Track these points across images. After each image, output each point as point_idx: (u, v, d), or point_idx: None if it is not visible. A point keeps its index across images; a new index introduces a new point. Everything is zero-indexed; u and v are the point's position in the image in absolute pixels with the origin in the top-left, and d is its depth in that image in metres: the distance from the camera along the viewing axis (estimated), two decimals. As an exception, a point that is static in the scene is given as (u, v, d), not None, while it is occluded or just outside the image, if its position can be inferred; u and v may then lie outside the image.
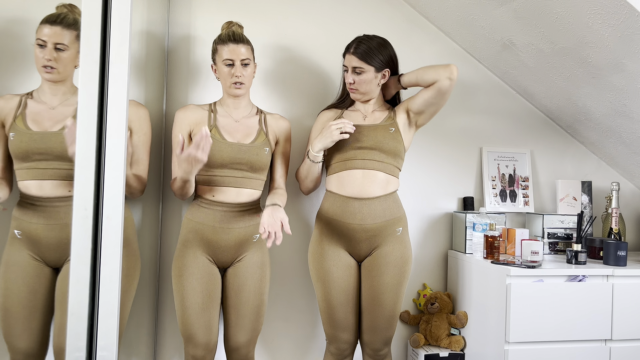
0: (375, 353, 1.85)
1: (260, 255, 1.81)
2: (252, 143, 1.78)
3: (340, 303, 1.81)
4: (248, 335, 1.77)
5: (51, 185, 1.55)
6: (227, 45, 1.74)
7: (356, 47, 1.82)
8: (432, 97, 1.80)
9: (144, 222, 1.96)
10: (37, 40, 1.53)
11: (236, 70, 1.75)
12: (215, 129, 1.77)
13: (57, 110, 1.59)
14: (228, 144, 1.74)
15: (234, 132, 1.79)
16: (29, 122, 1.56)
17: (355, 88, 1.85)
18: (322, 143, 1.77)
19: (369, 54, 1.80)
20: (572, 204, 2.35)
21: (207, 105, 1.85)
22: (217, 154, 1.73)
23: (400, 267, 1.82)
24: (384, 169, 1.82)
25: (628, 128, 2.15)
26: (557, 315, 1.87)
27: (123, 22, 0.95)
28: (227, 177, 1.75)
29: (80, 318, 0.91)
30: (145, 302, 1.99)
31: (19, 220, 1.57)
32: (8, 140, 1.57)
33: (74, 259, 0.91)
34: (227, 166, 1.74)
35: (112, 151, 0.93)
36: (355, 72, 1.82)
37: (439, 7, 2.15)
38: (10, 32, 1.73)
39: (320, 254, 1.83)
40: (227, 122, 1.80)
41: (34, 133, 1.53)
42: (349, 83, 1.85)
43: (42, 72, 1.56)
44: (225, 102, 1.83)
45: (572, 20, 1.76)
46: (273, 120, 1.89)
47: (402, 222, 1.87)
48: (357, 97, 1.88)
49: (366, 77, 1.82)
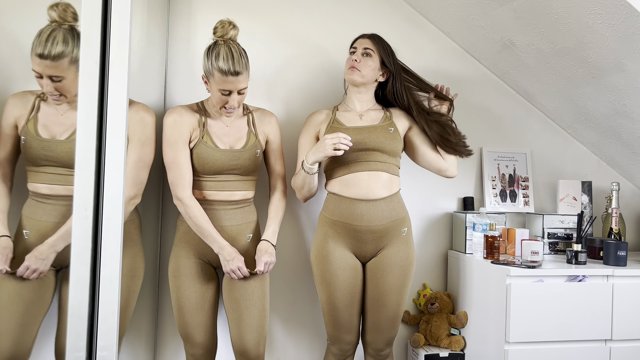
0: (377, 353, 1.85)
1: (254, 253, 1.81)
2: (243, 148, 1.76)
3: (345, 305, 1.79)
4: (255, 335, 1.74)
5: (59, 187, 1.57)
6: (226, 77, 1.63)
7: (371, 35, 1.89)
8: (428, 164, 1.95)
9: (144, 222, 1.96)
10: (34, 73, 1.50)
11: (232, 100, 1.68)
12: (207, 136, 1.73)
13: (66, 116, 1.59)
14: (221, 151, 1.73)
15: (224, 137, 1.76)
16: (39, 127, 1.56)
17: (357, 67, 1.83)
18: (315, 156, 1.71)
19: (383, 44, 1.87)
20: (572, 204, 2.35)
21: (194, 106, 1.79)
22: (211, 161, 1.71)
23: (405, 268, 1.82)
24: (387, 169, 1.82)
25: (628, 128, 2.15)
26: (557, 315, 1.87)
27: (123, 22, 0.95)
28: (221, 182, 1.75)
29: (80, 318, 0.91)
30: (146, 302, 1.99)
31: (28, 219, 1.58)
32: (20, 141, 1.58)
33: (74, 259, 0.91)
34: (221, 172, 1.74)
35: (112, 151, 0.93)
36: (365, 53, 1.84)
37: (439, 7, 2.15)
38: (7, 32, 1.73)
39: (325, 256, 1.81)
40: (218, 127, 1.76)
41: (43, 140, 1.55)
42: (352, 60, 1.84)
43: (49, 97, 1.55)
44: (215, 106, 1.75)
45: (572, 20, 1.76)
46: (260, 117, 1.85)
47: (407, 222, 1.86)
48: (355, 79, 1.85)
49: (372, 62, 1.84)
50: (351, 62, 1.84)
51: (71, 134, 1.57)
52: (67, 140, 1.56)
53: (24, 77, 1.70)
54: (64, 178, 1.56)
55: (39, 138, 1.55)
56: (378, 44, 1.85)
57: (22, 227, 1.58)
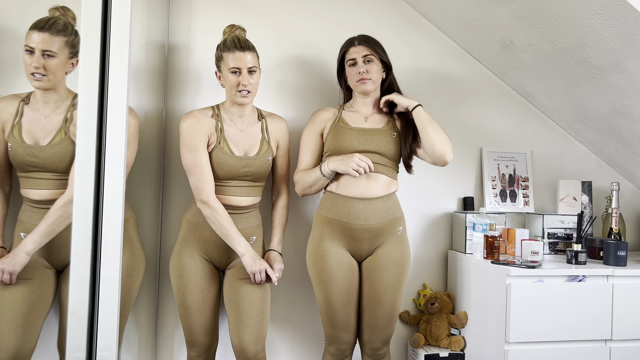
0: (374, 352, 1.85)
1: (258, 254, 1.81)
2: (257, 155, 1.78)
3: (342, 304, 1.80)
4: (254, 333, 1.74)
5: (48, 192, 1.57)
6: (233, 53, 1.70)
7: (361, 39, 1.85)
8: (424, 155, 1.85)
9: (144, 222, 1.96)
10: (25, 47, 1.50)
11: (243, 78, 1.71)
12: (224, 141, 1.74)
13: (49, 120, 1.58)
14: (236, 158, 1.74)
15: (240, 144, 1.77)
16: (24, 133, 1.56)
17: (368, 77, 1.82)
18: (337, 167, 1.76)
19: (375, 44, 1.85)
20: (572, 204, 2.35)
21: (209, 110, 1.80)
22: (225, 167, 1.73)
23: (400, 266, 1.82)
24: (386, 172, 1.83)
25: (628, 128, 2.15)
26: (557, 315, 1.87)
27: (123, 23, 0.95)
28: (233, 187, 1.76)
29: (80, 318, 0.91)
30: (146, 302, 1.99)
31: (24, 224, 1.59)
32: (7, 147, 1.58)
33: (74, 259, 0.91)
34: (233, 178, 1.75)
35: (112, 151, 0.93)
36: (366, 60, 1.82)
37: (439, 7, 2.15)
38: (4, 34, 1.73)
39: (321, 255, 1.82)
40: (234, 133, 1.77)
41: (28, 146, 1.54)
42: (359, 73, 1.82)
43: (31, 80, 1.53)
44: (230, 109, 1.79)
45: (572, 20, 1.76)
46: (273, 123, 1.87)
47: (402, 221, 1.87)
48: (368, 89, 1.85)
49: (375, 66, 1.83)
50: (358, 75, 1.82)
51: (53, 138, 1.55)
52: (49, 145, 1.55)
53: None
54: (51, 182, 1.56)
55: (23, 144, 1.54)
56: (372, 46, 1.84)
57: (19, 231, 1.59)
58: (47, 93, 1.58)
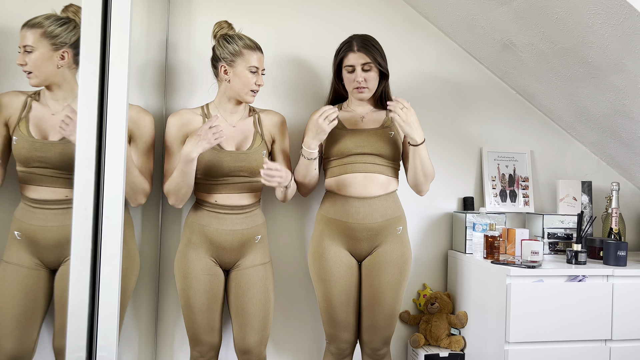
0: (374, 352, 1.85)
1: (262, 255, 1.82)
2: (250, 149, 1.77)
3: (341, 303, 1.80)
4: (258, 335, 1.76)
5: (49, 189, 1.56)
6: (256, 53, 1.73)
7: (361, 45, 1.78)
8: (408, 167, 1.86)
9: (144, 223, 1.96)
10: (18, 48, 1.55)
11: (259, 79, 1.75)
12: None
13: (58, 117, 1.58)
14: (227, 153, 1.73)
15: (231, 139, 1.77)
16: (31, 127, 1.56)
17: (365, 86, 1.80)
18: (316, 139, 1.73)
19: (375, 48, 1.79)
20: (572, 204, 2.35)
21: (199, 109, 1.81)
22: (217, 163, 1.72)
23: (400, 266, 1.82)
24: (385, 171, 1.82)
25: (628, 128, 2.15)
26: (557, 315, 1.87)
27: (123, 22, 0.95)
28: (229, 184, 1.75)
29: (80, 318, 0.91)
30: (146, 302, 1.99)
31: (18, 222, 1.58)
32: (11, 142, 1.57)
33: (74, 259, 0.91)
34: (228, 174, 1.74)
35: (112, 151, 0.93)
36: (364, 69, 1.79)
37: (439, 7, 2.15)
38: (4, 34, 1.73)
39: (321, 254, 1.83)
40: (225, 129, 1.76)
41: (35, 141, 1.54)
42: (358, 82, 1.79)
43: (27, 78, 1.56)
44: (223, 106, 1.79)
45: (572, 20, 1.76)
46: (267, 118, 1.86)
47: (402, 221, 1.87)
48: (364, 97, 1.84)
49: (373, 74, 1.80)
50: (355, 83, 1.79)
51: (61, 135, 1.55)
52: (60, 142, 1.55)
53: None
54: (54, 180, 1.55)
55: (31, 139, 1.54)
56: (371, 54, 1.77)
57: (13, 229, 1.58)
58: (52, 89, 1.58)
